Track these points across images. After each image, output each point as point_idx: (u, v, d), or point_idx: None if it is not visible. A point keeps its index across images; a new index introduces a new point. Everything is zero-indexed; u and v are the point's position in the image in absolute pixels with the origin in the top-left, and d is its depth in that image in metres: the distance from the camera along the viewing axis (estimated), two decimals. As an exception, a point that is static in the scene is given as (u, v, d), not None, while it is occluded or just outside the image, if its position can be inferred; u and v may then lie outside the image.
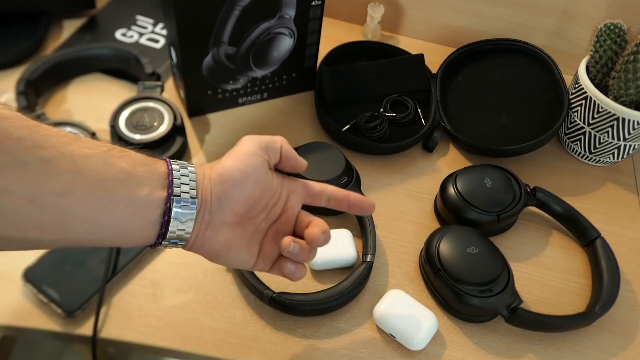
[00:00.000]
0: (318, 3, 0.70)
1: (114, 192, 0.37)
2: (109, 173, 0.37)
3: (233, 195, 0.43)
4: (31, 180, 0.33)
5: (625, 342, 0.61)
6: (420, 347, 0.56)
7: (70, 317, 0.54)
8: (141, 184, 0.39)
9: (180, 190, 0.40)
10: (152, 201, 0.39)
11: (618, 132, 0.71)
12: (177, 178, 0.41)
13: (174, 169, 0.41)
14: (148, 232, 0.40)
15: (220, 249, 0.44)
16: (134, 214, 0.39)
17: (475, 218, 0.64)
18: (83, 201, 0.36)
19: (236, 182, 0.43)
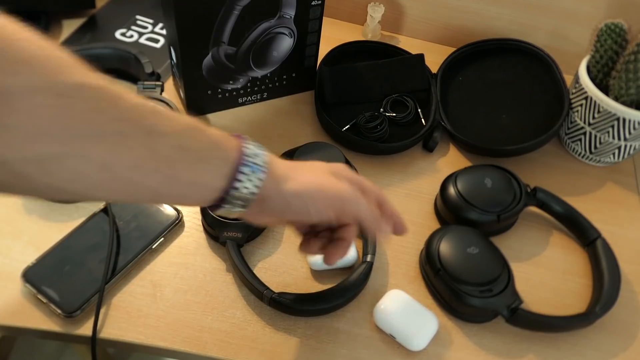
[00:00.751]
0: (318, 3, 0.70)
1: (182, 173, 0.39)
2: (180, 157, 0.38)
3: (295, 214, 0.45)
4: (107, 151, 0.35)
5: (625, 343, 0.61)
6: (420, 347, 0.56)
7: (69, 318, 0.54)
8: (209, 170, 0.40)
9: (242, 185, 0.41)
10: (213, 187, 0.41)
11: (618, 132, 0.71)
12: (246, 173, 0.41)
13: (245, 161, 0.41)
14: (204, 203, 0.42)
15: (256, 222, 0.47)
16: (194, 193, 0.41)
17: (475, 218, 0.64)
18: (151, 176, 0.38)
19: (302, 212, 0.44)
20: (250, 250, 0.63)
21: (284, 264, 0.62)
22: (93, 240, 0.60)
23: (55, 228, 0.61)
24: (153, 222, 0.62)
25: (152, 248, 0.61)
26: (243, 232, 0.60)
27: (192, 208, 0.65)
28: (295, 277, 0.61)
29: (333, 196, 0.45)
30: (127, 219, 0.62)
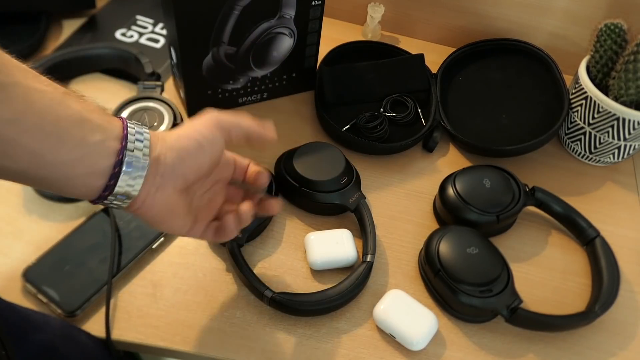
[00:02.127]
0: (318, 3, 0.70)
1: (65, 131, 0.37)
2: (62, 112, 0.37)
3: (186, 163, 0.44)
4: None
5: (625, 342, 0.61)
6: (420, 347, 0.56)
7: (70, 317, 0.54)
8: (95, 130, 0.39)
9: (134, 146, 0.40)
10: (104, 149, 0.39)
11: (618, 132, 0.71)
12: (132, 134, 0.41)
13: (129, 125, 0.41)
14: (94, 181, 0.39)
15: (165, 214, 0.45)
16: (81, 158, 0.38)
17: (474, 219, 0.64)
18: (30, 133, 0.35)
19: (190, 152, 0.44)
20: (250, 250, 0.63)
21: (284, 264, 0.62)
22: (93, 240, 0.60)
23: (55, 228, 0.61)
24: (153, 222, 0.62)
25: (152, 248, 0.61)
26: (243, 232, 0.60)
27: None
28: (295, 277, 0.62)
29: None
30: (127, 219, 0.62)
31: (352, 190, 0.65)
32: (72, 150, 0.37)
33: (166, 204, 0.44)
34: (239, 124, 0.48)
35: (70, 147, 0.37)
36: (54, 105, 0.37)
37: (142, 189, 0.41)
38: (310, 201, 0.65)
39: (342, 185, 0.65)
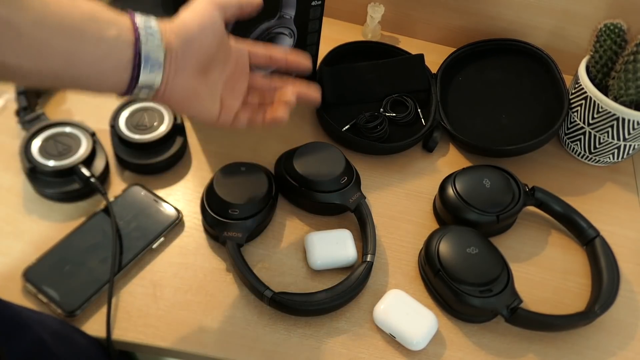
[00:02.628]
0: (318, 3, 0.70)
1: (84, 29, 0.40)
2: (75, 11, 0.40)
3: (194, 44, 0.47)
4: (5, 6, 0.36)
5: (624, 342, 0.61)
6: (420, 347, 0.56)
7: (70, 317, 0.54)
8: (109, 25, 0.42)
9: (146, 34, 0.44)
10: (122, 42, 0.43)
11: (618, 132, 0.71)
12: (142, 28, 0.44)
13: (136, 17, 0.44)
14: (121, 74, 0.43)
15: (189, 98, 0.49)
16: (106, 54, 0.42)
17: (474, 219, 0.64)
18: (56, 33, 0.39)
19: (195, 33, 0.47)
20: (250, 250, 0.63)
21: (284, 264, 0.62)
22: (93, 240, 0.60)
23: (55, 228, 0.61)
24: (153, 222, 0.62)
25: (152, 248, 0.61)
26: (243, 232, 0.60)
27: (192, 208, 0.65)
28: (295, 277, 0.62)
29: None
30: (127, 219, 0.62)
31: (352, 190, 0.65)
32: (95, 47, 0.41)
33: (187, 87, 0.48)
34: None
35: (93, 43, 0.41)
36: (67, 7, 0.40)
37: (163, 73, 0.45)
38: (310, 201, 0.65)
39: (342, 185, 0.65)
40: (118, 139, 0.67)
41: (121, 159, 0.67)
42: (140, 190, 0.65)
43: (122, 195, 0.64)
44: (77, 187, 0.63)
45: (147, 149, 0.66)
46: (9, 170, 0.65)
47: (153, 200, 0.64)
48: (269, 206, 0.62)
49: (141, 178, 0.67)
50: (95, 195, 0.64)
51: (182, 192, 0.67)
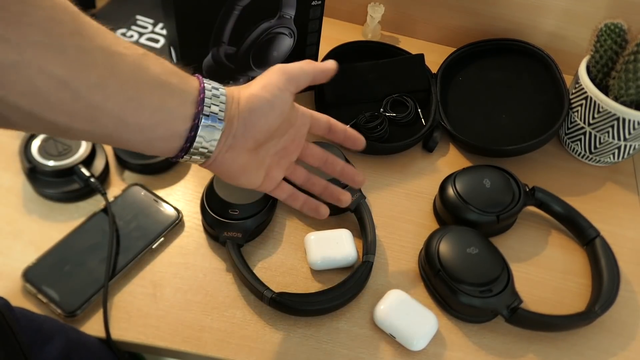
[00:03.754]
0: (318, 3, 0.70)
1: (145, 96, 0.38)
2: (142, 76, 0.38)
3: (258, 124, 0.44)
4: (67, 66, 0.34)
5: (625, 342, 0.61)
6: (420, 347, 0.56)
7: (70, 317, 0.54)
8: (173, 94, 0.40)
9: (210, 110, 0.41)
10: (180, 114, 0.40)
11: (618, 132, 0.71)
12: (209, 98, 0.41)
13: (206, 88, 0.42)
14: (172, 143, 0.41)
15: (236, 170, 0.46)
16: (160, 123, 0.39)
17: (474, 219, 0.64)
18: (114, 98, 0.36)
19: (263, 112, 0.44)
20: (250, 250, 0.63)
21: (284, 264, 0.62)
22: (93, 240, 0.60)
23: (55, 228, 0.61)
24: (153, 222, 0.62)
25: (152, 248, 0.61)
26: (243, 232, 0.60)
27: (192, 208, 0.65)
28: (295, 277, 0.61)
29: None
30: (127, 219, 0.62)
31: (352, 190, 0.65)
32: (152, 115, 0.39)
33: (237, 162, 0.45)
34: (303, 70, 0.48)
35: (150, 112, 0.39)
36: (134, 70, 0.38)
37: (215, 149, 0.43)
38: (310, 201, 0.65)
39: (342, 185, 0.65)
40: (118, 139, 0.67)
41: (121, 159, 0.67)
42: (140, 190, 0.65)
43: (121, 195, 0.64)
44: (77, 187, 0.63)
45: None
46: (9, 170, 0.65)
47: (153, 200, 0.64)
48: (269, 206, 0.62)
49: (141, 178, 0.67)
50: (95, 195, 0.64)
51: (182, 192, 0.67)
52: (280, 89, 0.45)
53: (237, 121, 0.43)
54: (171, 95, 0.40)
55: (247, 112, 0.44)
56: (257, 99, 0.44)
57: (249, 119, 0.44)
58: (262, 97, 0.44)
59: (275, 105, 0.45)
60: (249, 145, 0.45)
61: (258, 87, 0.45)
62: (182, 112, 0.40)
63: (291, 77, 0.46)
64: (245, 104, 0.44)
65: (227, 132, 0.43)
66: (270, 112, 0.45)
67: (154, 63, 0.39)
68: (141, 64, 0.38)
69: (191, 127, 0.41)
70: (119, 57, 0.37)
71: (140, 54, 0.39)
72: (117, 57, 0.36)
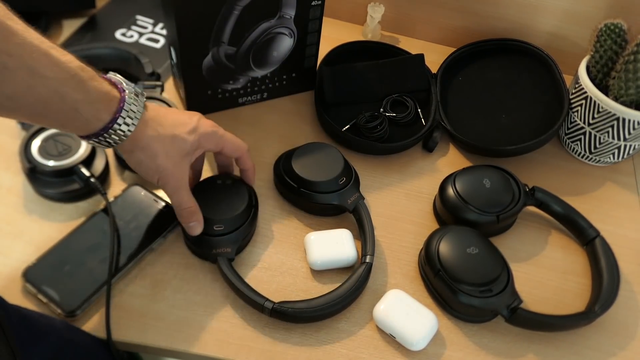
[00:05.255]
0: (318, 3, 0.70)
1: (55, 115, 0.43)
2: (56, 100, 0.42)
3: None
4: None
5: (624, 342, 0.61)
6: (420, 347, 0.56)
7: (70, 317, 0.54)
8: (80, 120, 0.45)
9: (110, 138, 0.49)
10: (83, 131, 0.47)
11: (618, 132, 0.71)
12: (119, 123, 0.48)
13: (120, 114, 0.48)
14: (94, 123, 0.47)
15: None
16: (68, 129, 0.47)
17: (474, 219, 0.64)
18: (25, 109, 0.42)
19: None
20: (250, 250, 0.63)
21: (284, 264, 0.62)
22: (93, 240, 0.60)
23: (55, 228, 0.61)
24: (153, 222, 0.62)
25: (152, 248, 0.61)
26: (232, 245, 0.59)
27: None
28: (295, 277, 0.61)
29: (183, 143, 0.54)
30: (127, 219, 0.62)
31: (351, 191, 0.65)
32: (58, 124, 0.46)
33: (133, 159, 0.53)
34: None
35: (56, 122, 0.45)
36: (51, 96, 0.41)
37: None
38: (309, 202, 0.65)
39: (341, 186, 0.65)
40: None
41: (121, 159, 0.67)
42: (140, 190, 0.65)
43: (121, 195, 0.64)
44: (77, 187, 0.63)
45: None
46: (9, 170, 0.65)
47: (153, 200, 0.64)
48: (252, 215, 0.62)
49: (141, 178, 0.67)
50: (95, 195, 0.64)
51: (182, 192, 0.67)
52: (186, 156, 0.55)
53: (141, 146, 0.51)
54: (79, 121, 0.45)
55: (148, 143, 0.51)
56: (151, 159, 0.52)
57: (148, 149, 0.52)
58: (154, 163, 0.53)
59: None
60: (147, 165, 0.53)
61: (162, 154, 0.52)
62: (85, 129, 0.47)
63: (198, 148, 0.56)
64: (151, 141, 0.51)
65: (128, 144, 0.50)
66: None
67: (77, 89, 0.43)
68: (61, 91, 0.42)
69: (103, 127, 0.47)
70: (40, 80, 0.40)
71: (64, 78, 0.42)
72: (38, 79, 0.40)
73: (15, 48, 0.38)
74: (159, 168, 0.53)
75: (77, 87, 0.43)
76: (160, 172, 0.53)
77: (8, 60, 0.37)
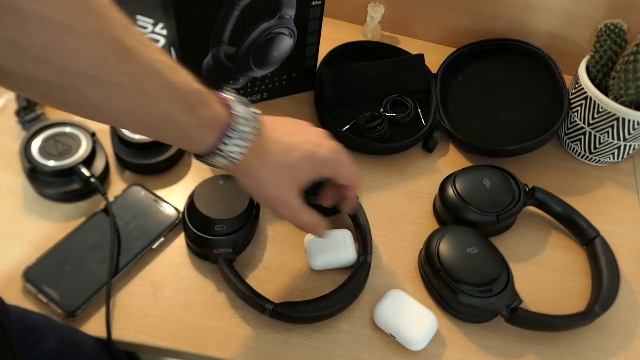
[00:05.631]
0: (318, 3, 0.70)
1: (165, 135, 0.43)
2: (166, 123, 0.41)
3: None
4: (101, 95, 0.37)
5: (624, 342, 0.61)
6: (420, 347, 0.56)
7: (70, 317, 0.54)
8: (190, 141, 0.45)
9: (219, 159, 0.46)
10: (195, 150, 0.45)
11: (618, 132, 0.71)
12: (225, 150, 0.45)
13: (223, 148, 0.45)
14: (209, 135, 0.45)
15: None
16: (178, 145, 0.47)
17: (474, 219, 0.64)
18: (135, 126, 0.42)
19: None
20: (250, 251, 0.63)
21: (284, 264, 0.62)
22: (93, 240, 0.60)
23: (55, 228, 0.61)
24: (153, 222, 0.62)
25: (152, 248, 0.61)
26: (233, 246, 0.59)
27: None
28: (295, 277, 0.61)
29: (312, 161, 0.51)
30: (127, 219, 0.62)
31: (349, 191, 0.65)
32: (167, 140, 0.46)
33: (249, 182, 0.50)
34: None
35: (166, 139, 0.45)
36: (160, 118, 0.41)
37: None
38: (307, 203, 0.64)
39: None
40: (118, 139, 0.67)
41: (121, 159, 0.67)
42: (140, 190, 0.65)
43: (122, 195, 0.64)
44: (77, 187, 0.63)
45: (147, 149, 0.66)
46: (9, 170, 0.65)
47: (153, 200, 0.64)
48: (254, 216, 0.62)
49: (141, 178, 0.67)
50: (95, 195, 0.64)
51: (182, 192, 0.67)
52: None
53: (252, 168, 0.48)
54: (188, 143, 0.45)
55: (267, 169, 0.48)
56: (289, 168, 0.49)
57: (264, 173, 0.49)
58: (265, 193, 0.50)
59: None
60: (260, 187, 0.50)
61: (270, 185, 0.49)
62: (197, 150, 0.45)
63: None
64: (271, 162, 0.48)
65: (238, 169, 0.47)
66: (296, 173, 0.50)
67: (189, 113, 0.42)
68: (172, 114, 0.41)
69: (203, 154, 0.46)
70: (153, 102, 0.39)
71: (178, 101, 0.41)
72: (151, 101, 0.39)
73: (130, 67, 0.37)
74: (268, 198, 0.50)
75: (186, 110, 0.42)
76: (270, 201, 0.51)
77: (123, 79, 0.37)
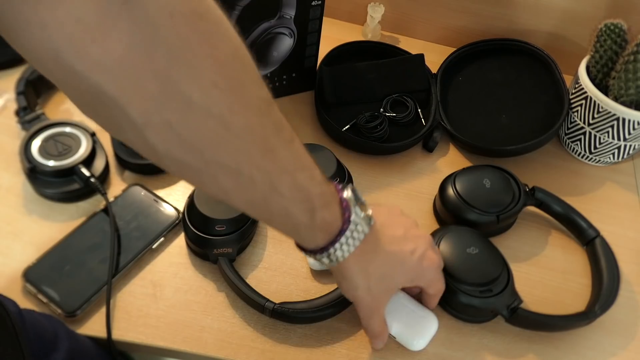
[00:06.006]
0: (318, 3, 0.70)
1: (282, 228, 0.45)
2: (285, 219, 0.43)
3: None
4: (232, 183, 0.39)
5: (624, 342, 0.61)
6: (420, 347, 0.56)
7: (70, 317, 0.54)
8: (305, 239, 0.46)
9: (334, 253, 0.47)
10: (305, 246, 0.48)
11: (618, 132, 0.71)
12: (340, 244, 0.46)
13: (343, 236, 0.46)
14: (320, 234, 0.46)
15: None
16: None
17: (474, 219, 0.64)
18: (256, 214, 0.45)
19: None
20: (250, 251, 0.63)
21: (284, 264, 0.62)
22: (93, 240, 0.60)
23: (55, 228, 0.61)
24: (153, 222, 0.62)
25: (152, 248, 0.61)
26: (234, 246, 0.59)
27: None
28: (295, 277, 0.61)
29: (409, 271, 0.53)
30: (127, 219, 0.62)
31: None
32: (283, 232, 0.46)
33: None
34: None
35: (282, 232, 0.46)
36: (283, 211, 0.42)
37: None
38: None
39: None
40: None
41: (121, 159, 0.67)
42: (140, 190, 0.65)
43: (122, 195, 0.64)
44: (77, 187, 0.63)
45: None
46: (9, 170, 0.65)
47: (153, 200, 0.64)
48: None
49: (141, 178, 0.67)
50: (95, 195, 0.64)
51: (182, 192, 0.67)
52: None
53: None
54: (303, 240, 0.47)
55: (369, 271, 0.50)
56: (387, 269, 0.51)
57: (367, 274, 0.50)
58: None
59: None
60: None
61: (364, 289, 0.50)
62: (308, 246, 0.47)
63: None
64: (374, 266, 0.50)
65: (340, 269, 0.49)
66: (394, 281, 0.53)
67: (304, 213, 0.43)
68: (291, 212, 0.42)
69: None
70: (278, 199, 0.40)
71: (300, 202, 0.42)
72: (277, 197, 0.40)
73: (269, 165, 0.38)
74: (356, 298, 0.51)
75: (306, 212, 0.43)
76: (356, 302, 0.52)
77: (256, 174, 0.38)
